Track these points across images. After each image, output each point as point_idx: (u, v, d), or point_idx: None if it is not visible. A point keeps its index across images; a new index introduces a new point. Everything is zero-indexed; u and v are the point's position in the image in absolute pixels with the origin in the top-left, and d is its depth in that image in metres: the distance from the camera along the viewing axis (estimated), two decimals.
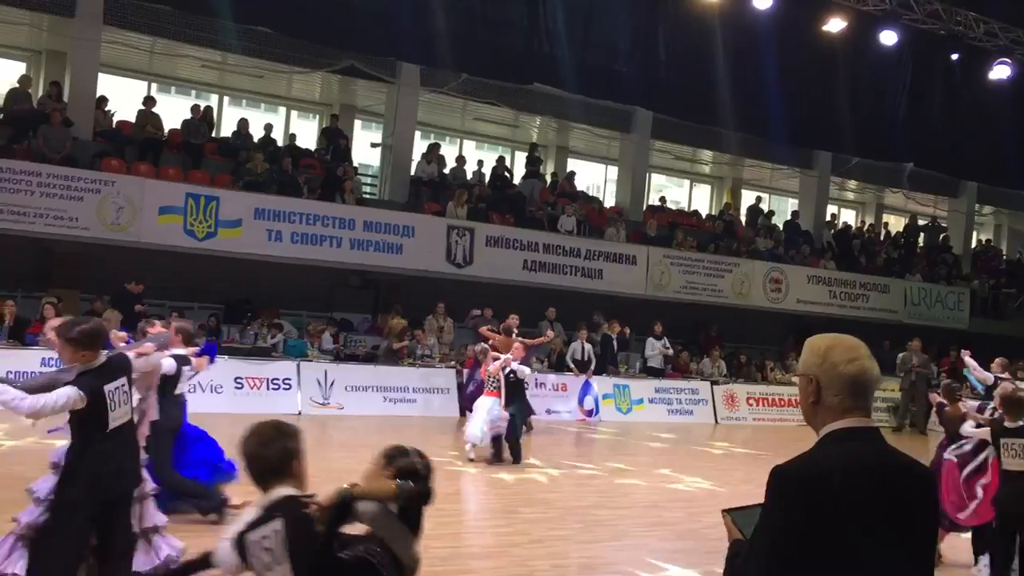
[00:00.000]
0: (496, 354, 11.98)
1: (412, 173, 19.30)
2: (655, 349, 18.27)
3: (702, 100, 20.78)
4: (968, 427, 7.96)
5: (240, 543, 3.09)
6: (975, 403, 9.09)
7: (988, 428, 7.42)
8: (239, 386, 14.00)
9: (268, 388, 14.27)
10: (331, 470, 6.33)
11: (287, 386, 14.38)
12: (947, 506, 7.79)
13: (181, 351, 7.42)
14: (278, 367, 14.53)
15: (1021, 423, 6.86)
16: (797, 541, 2.42)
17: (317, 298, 17.53)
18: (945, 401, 8.75)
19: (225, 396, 13.76)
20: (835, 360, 2.59)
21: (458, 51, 18.08)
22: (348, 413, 14.54)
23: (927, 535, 2.59)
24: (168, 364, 6.92)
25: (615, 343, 18.13)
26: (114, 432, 4.95)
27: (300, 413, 13.96)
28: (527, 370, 11.97)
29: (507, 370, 11.64)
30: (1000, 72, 23.66)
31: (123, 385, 5.02)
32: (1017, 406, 6.93)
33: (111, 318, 13.96)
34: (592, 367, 16.98)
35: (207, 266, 15.44)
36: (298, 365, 14.60)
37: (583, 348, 17.15)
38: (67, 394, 4.75)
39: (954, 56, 23.74)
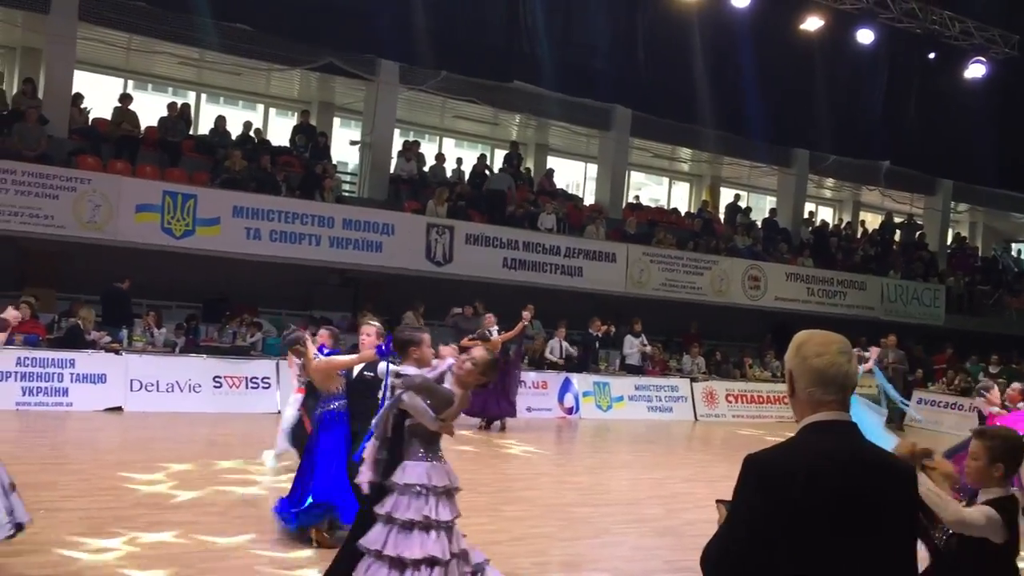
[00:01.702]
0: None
1: (391, 171, 19.24)
2: (633, 347, 18.31)
3: (681, 98, 20.87)
4: None
5: None
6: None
7: None
8: (217, 385, 13.92)
9: (247, 387, 14.18)
10: None
11: (266, 385, 14.30)
12: None
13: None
14: (257, 366, 14.44)
15: None
16: (762, 528, 2.48)
17: (296, 296, 17.45)
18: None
19: (203, 395, 13.70)
20: (806, 353, 2.66)
21: (438, 49, 18.04)
22: None
23: (900, 530, 2.60)
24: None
25: (598, 342, 18.16)
26: None
27: (280, 412, 13.89)
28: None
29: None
30: (975, 71, 23.90)
31: None
32: None
33: (87, 317, 13.89)
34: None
35: (185, 264, 15.33)
36: (277, 364, 14.48)
37: (561, 346, 17.19)
38: None
39: (930, 55, 23.94)
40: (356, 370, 7.36)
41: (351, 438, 7.01)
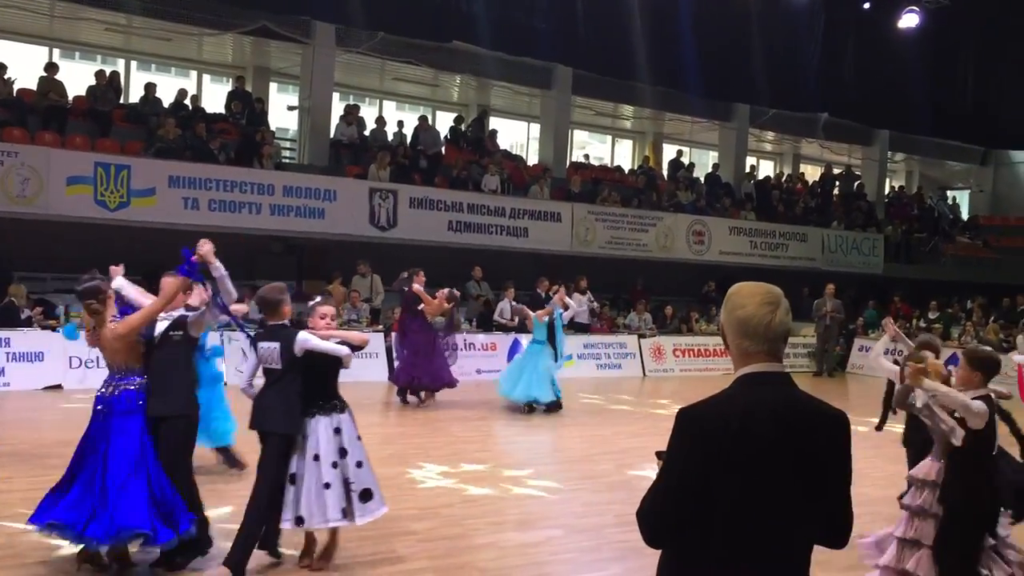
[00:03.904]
0: None
1: (331, 136, 18.95)
2: (581, 305, 18.35)
3: (621, 55, 20.83)
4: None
5: None
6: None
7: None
8: None
9: None
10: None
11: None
12: None
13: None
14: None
15: None
16: (694, 479, 2.52)
17: (238, 266, 16.92)
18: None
19: None
20: (732, 306, 2.70)
21: (373, 9, 17.73)
22: None
23: (832, 477, 2.63)
24: None
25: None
26: None
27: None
28: None
29: None
30: (909, 20, 24.18)
31: None
32: None
33: (20, 293, 13.53)
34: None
35: (121, 237, 14.92)
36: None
37: (511, 308, 17.15)
38: None
39: (865, 4, 24.16)
40: (159, 331, 5.72)
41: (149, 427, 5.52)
